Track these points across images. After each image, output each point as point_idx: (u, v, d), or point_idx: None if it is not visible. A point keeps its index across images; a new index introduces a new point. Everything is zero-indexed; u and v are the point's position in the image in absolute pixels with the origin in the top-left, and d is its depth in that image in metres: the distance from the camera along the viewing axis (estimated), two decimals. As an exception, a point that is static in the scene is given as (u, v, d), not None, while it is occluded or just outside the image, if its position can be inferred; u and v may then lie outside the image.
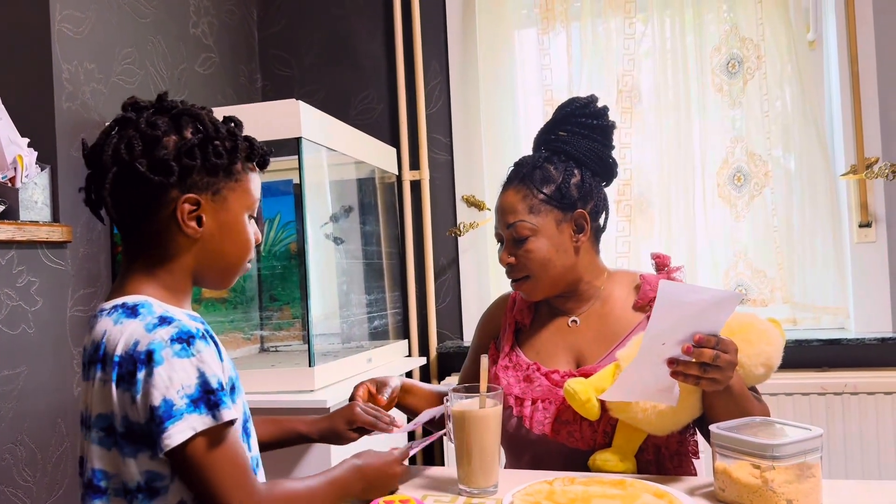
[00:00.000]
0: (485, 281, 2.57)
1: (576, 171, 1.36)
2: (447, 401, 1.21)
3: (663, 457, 1.29)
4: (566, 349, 1.37)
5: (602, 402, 1.23)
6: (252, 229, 1.05)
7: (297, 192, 2.03)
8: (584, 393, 1.22)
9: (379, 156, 2.45)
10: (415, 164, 2.63)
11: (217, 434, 0.89)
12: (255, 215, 1.06)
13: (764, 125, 2.32)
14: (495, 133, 2.54)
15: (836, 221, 2.29)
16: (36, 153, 1.69)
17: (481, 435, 1.15)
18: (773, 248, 2.33)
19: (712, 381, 1.10)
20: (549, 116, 2.43)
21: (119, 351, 0.89)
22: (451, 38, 2.61)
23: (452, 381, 2.44)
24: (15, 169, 1.62)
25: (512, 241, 1.36)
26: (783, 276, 2.32)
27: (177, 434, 0.85)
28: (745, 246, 2.36)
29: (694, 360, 1.09)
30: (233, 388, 0.96)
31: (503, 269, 1.39)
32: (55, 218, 1.75)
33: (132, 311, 0.92)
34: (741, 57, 2.34)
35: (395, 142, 2.64)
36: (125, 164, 0.94)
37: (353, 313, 2.40)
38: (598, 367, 1.29)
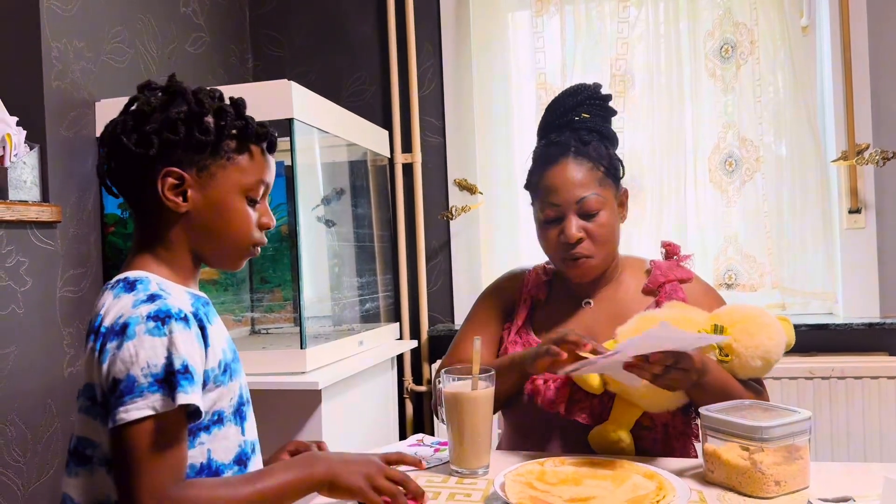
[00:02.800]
0: (476, 264, 2.57)
1: (611, 150, 1.39)
2: (439, 382, 1.21)
3: (670, 436, 1.31)
4: (578, 330, 1.37)
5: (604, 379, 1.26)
6: (254, 212, 1.02)
7: (288, 174, 2.02)
8: None
9: (371, 138, 2.44)
10: (407, 147, 2.62)
11: (168, 421, 0.85)
12: (259, 197, 1.02)
13: (756, 111, 2.32)
14: (488, 116, 2.53)
15: (825, 207, 2.30)
16: (25, 132, 1.67)
17: (473, 417, 1.16)
18: (763, 234, 2.34)
19: (667, 384, 1.13)
20: (543, 100, 2.45)
21: (107, 322, 0.89)
22: (445, 19, 2.60)
23: (443, 363, 2.45)
24: (3, 148, 1.61)
25: (582, 215, 1.32)
26: (772, 262, 2.33)
27: (134, 411, 0.83)
28: (736, 231, 2.37)
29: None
30: (225, 370, 0.96)
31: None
32: (44, 198, 1.74)
33: (131, 286, 0.92)
34: (734, 42, 2.34)
35: (387, 124, 2.62)
36: (115, 141, 0.96)
37: (345, 296, 2.40)
38: None
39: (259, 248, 1.04)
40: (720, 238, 2.38)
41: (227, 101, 1.01)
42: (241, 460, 0.98)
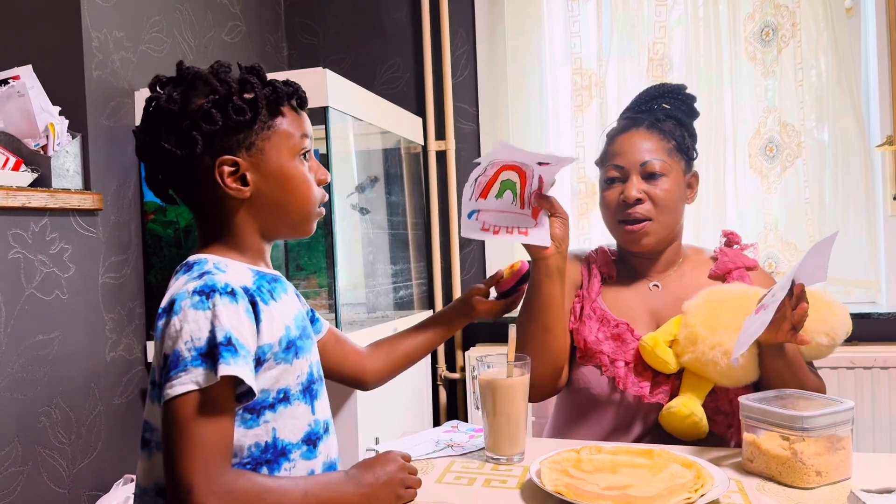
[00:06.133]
0: (510, 252, 2.56)
1: (686, 132, 1.41)
2: (474, 369, 1.21)
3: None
4: (647, 312, 1.38)
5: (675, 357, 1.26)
6: (310, 170, 1.00)
7: (323, 162, 2.03)
8: (652, 341, 1.26)
9: (405, 126, 2.44)
10: (440, 135, 2.62)
11: (213, 395, 0.83)
12: (308, 152, 1.00)
13: (798, 95, 2.27)
14: (522, 103, 2.51)
15: (869, 194, 2.24)
16: (67, 121, 1.71)
17: (508, 404, 1.16)
18: (804, 221, 2.29)
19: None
20: (578, 85, 2.42)
21: (163, 304, 0.89)
22: (479, 4, 2.58)
23: (477, 351, 2.45)
24: (47, 137, 1.64)
25: (644, 176, 1.34)
26: (814, 249, 2.28)
27: (178, 385, 0.82)
28: (776, 218, 2.33)
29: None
30: (289, 347, 0.94)
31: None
32: (86, 186, 1.77)
33: (189, 268, 0.93)
34: (775, 24, 2.29)
35: (420, 111, 2.62)
36: (156, 149, 0.94)
37: (379, 283, 2.41)
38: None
39: (323, 208, 1.03)
40: (760, 225, 2.34)
41: (245, 71, 0.98)
42: (311, 440, 0.97)
